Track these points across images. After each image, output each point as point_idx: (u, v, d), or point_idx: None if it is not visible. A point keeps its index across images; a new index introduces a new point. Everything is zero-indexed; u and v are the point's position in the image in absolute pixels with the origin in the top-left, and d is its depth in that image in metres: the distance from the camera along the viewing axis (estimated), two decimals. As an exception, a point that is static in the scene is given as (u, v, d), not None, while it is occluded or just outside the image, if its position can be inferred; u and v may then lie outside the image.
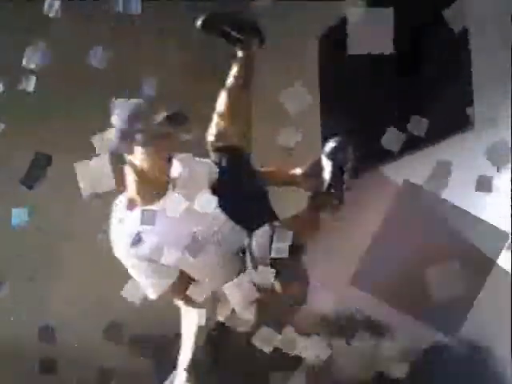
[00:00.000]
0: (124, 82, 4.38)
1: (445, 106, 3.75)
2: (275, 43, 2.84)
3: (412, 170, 3.87)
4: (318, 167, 2.34)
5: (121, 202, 2.10)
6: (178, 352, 2.12)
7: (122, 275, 2.08)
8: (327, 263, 4.14)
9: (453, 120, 3.67)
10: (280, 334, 2.01)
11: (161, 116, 1.96)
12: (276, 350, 1.94)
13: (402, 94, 4.08)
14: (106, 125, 1.96)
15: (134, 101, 2.03)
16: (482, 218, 3.26)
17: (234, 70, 2.42)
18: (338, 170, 2.29)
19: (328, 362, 2.03)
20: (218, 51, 2.74)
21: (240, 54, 2.45)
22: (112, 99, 2.04)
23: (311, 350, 2.05)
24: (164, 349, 3.97)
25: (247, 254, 2.02)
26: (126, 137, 1.94)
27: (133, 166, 2.01)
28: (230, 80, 2.40)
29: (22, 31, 4.39)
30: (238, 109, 2.36)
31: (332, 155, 2.30)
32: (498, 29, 3.41)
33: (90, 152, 1.85)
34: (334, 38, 4.47)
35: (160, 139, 1.97)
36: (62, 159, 1.94)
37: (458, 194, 3.51)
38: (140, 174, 2.01)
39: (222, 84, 2.41)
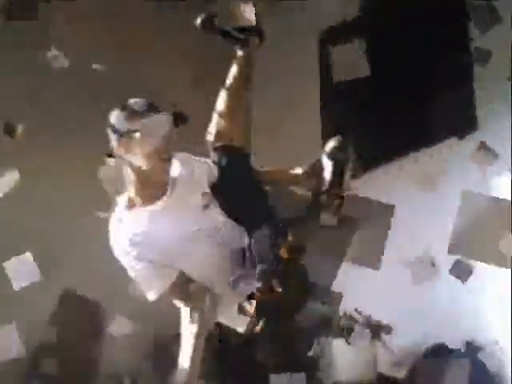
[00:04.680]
0: (123, 84, 4.41)
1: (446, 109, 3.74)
2: (275, 42, 2.82)
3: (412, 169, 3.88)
4: (318, 167, 2.33)
5: (120, 201, 2.09)
6: (177, 352, 2.11)
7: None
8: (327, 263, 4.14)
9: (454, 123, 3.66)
10: (280, 332, 1.99)
11: (160, 116, 1.93)
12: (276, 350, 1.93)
13: (402, 95, 4.07)
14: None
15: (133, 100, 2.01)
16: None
17: (234, 69, 2.41)
18: (338, 170, 2.28)
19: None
20: (217, 50, 2.72)
21: (240, 53, 2.44)
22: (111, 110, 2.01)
23: None
24: (164, 348, 3.95)
25: (247, 254, 2.01)
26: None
27: (132, 166, 1.99)
28: (229, 79, 2.39)
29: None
30: (237, 108, 2.34)
31: (332, 155, 2.29)
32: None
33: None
34: (335, 38, 4.47)
35: (159, 139, 1.95)
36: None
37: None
38: (139, 174, 1.99)
39: (222, 83, 2.40)
